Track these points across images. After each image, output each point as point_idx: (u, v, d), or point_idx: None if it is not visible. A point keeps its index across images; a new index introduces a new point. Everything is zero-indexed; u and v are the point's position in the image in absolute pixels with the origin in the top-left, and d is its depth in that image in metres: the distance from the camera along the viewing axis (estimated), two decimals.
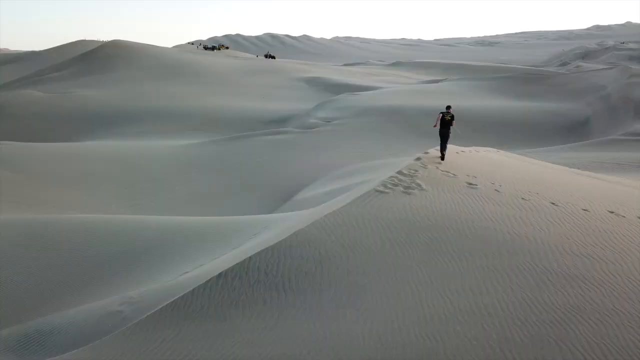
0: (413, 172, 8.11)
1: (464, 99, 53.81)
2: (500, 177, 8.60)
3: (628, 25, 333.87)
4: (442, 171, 8.44)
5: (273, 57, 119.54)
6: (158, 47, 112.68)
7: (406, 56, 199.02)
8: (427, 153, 10.20)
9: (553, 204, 7.19)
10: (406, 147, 39.92)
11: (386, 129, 43.63)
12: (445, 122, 13.40)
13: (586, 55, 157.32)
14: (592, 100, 48.52)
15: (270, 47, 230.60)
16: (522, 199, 7.20)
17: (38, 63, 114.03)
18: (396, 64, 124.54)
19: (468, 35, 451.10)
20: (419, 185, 7.29)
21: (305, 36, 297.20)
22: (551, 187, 8.49)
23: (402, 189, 7.01)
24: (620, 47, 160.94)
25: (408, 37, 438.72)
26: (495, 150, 16.22)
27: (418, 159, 9.43)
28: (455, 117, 13.58)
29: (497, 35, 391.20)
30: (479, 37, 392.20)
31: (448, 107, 14.06)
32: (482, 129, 43.01)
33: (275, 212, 29.75)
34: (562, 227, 6.31)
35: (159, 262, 10.83)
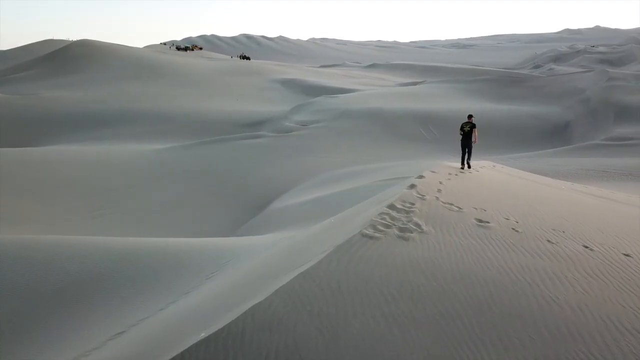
0: (408, 206, 6.39)
1: (444, 102, 52.89)
2: (513, 208, 7.03)
3: (597, 29, 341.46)
4: (444, 203, 6.80)
5: (248, 58, 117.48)
6: (129, 47, 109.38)
7: (382, 58, 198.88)
8: (422, 177, 8.53)
9: (586, 247, 5.69)
10: (387, 151, 38.62)
11: (366, 132, 42.26)
12: (466, 133, 12.26)
13: (558, 58, 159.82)
14: (571, 103, 48.12)
15: (246, 48, 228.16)
16: (548, 241, 5.67)
17: (2, 63, 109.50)
18: (373, 66, 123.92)
19: (443, 38, 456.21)
20: (417, 225, 5.64)
21: (281, 37, 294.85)
22: (574, 220, 7.01)
23: (396, 231, 5.36)
24: (590, 51, 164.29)
25: (384, 38, 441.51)
26: (491, 164, 14.80)
27: (412, 186, 7.73)
28: (475, 126, 12.40)
29: (471, 38, 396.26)
30: (453, 39, 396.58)
31: (469, 117, 13.16)
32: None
33: (250, 221, 28.05)
34: (609, 286, 4.79)
35: (99, 304, 9.02)
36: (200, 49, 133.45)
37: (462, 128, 13.00)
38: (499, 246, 5.35)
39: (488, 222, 6.09)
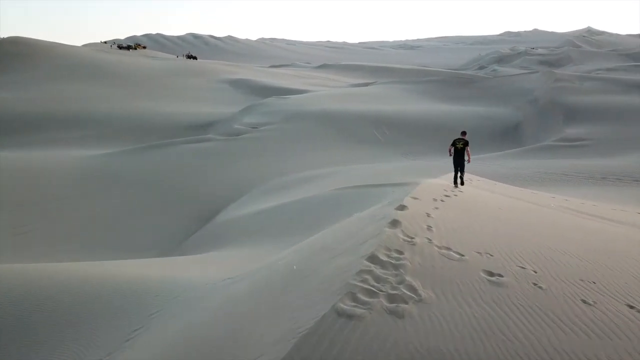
0: (396, 256, 4.70)
1: (396, 103, 52.25)
2: (522, 247, 5.50)
3: (535, 32, 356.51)
4: (440, 248, 5.18)
5: (195, 58, 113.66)
6: (66, 45, 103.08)
7: (332, 58, 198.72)
8: (404, 208, 6.82)
9: (632, 307, 4.30)
10: (341, 154, 37.28)
11: (319, 135, 40.78)
12: (459, 150, 12.40)
13: (501, 59, 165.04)
14: (520, 104, 48.53)
15: (193, 48, 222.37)
16: (584, 302, 4.24)
17: None
18: (323, 66, 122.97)
19: (391, 39, 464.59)
20: (412, 289, 4.02)
21: (229, 37, 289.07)
22: (596, 260, 5.64)
23: (385, 302, 3.70)
24: (531, 52, 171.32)
25: (333, 39, 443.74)
26: (468, 178, 13.50)
27: (395, 223, 5.76)
28: (469, 144, 12.57)
29: (418, 39, 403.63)
30: (401, 40, 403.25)
31: (463, 133, 12.92)
32: (410, 132, 41.35)
33: (197, 234, 25.87)
34: None
35: None
36: (144, 47, 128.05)
37: (454, 144, 12.69)
38: (526, 317, 3.84)
39: (501, 276, 4.58)
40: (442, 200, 7.85)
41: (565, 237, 6.95)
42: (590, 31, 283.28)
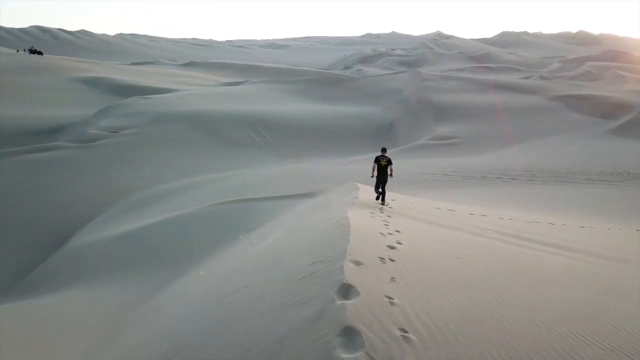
0: None
1: (271, 103, 50.39)
2: (539, 346, 3.62)
3: (393, 34, 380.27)
4: None
5: (40, 53, 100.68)
6: None
7: (199, 56, 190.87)
8: (350, 291, 4.01)
9: None
10: (215, 160, 34.29)
11: (190, 138, 37.22)
12: (383, 167, 12.24)
13: (364, 59, 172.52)
14: (391, 104, 49.57)
15: (39, 42, 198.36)
16: None
17: None
18: (190, 64, 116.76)
19: (259, 38, 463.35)
20: None
21: (83, 31, 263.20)
22: (618, 347, 3.93)
23: None
24: (391, 54, 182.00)
25: (199, 37, 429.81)
26: (391, 197, 11.77)
27: (351, 341, 3.37)
28: (392, 161, 12.45)
29: (285, 39, 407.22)
30: (269, 39, 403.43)
31: (383, 150, 12.91)
32: (295, 135, 39.86)
33: (43, 265, 21.43)
34: None
35: None
36: None
37: (378, 162, 12.48)
38: None
39: None
40: (391, 260, 5.43)
41: (553, 303, 5.12)
42: (440, 35, 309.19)
